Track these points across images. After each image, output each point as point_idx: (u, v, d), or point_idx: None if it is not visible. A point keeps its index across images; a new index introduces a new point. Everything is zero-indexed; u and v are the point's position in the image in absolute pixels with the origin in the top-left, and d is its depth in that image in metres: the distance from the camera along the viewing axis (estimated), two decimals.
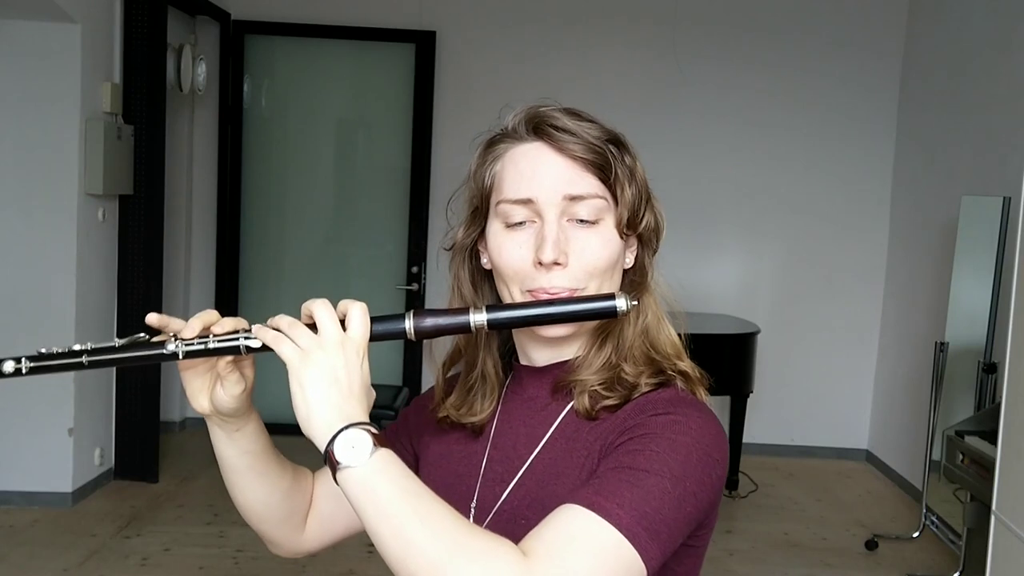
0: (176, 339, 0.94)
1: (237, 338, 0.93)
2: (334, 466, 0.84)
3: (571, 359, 1.06)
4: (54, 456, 4.24)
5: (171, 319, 0.96)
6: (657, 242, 1.08)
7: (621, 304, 0.94)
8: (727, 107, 5.46)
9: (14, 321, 4.14)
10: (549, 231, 0.98)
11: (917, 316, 5.05)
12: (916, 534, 4.34)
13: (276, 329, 0.91)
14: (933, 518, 4.30)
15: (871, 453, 5.57)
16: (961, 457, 3.61)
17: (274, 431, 1.17)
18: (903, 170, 5.41)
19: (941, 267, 4.65)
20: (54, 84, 4.12)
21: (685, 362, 1.05)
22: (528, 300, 1.00)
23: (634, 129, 1.17)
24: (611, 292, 0.98)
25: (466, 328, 0.95)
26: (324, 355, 0.88)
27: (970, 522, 3.62)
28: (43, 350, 0.94)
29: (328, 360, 0.88)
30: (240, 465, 1.07)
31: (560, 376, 1.05)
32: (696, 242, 5.51)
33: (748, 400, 4.78)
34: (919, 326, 4.98)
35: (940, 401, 4.23)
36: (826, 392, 5.62)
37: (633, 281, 1.07)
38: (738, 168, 5.51)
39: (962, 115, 4.70)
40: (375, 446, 0.84)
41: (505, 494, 1.03)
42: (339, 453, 0.84)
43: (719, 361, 4.56)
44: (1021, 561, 2.63)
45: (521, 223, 1.01)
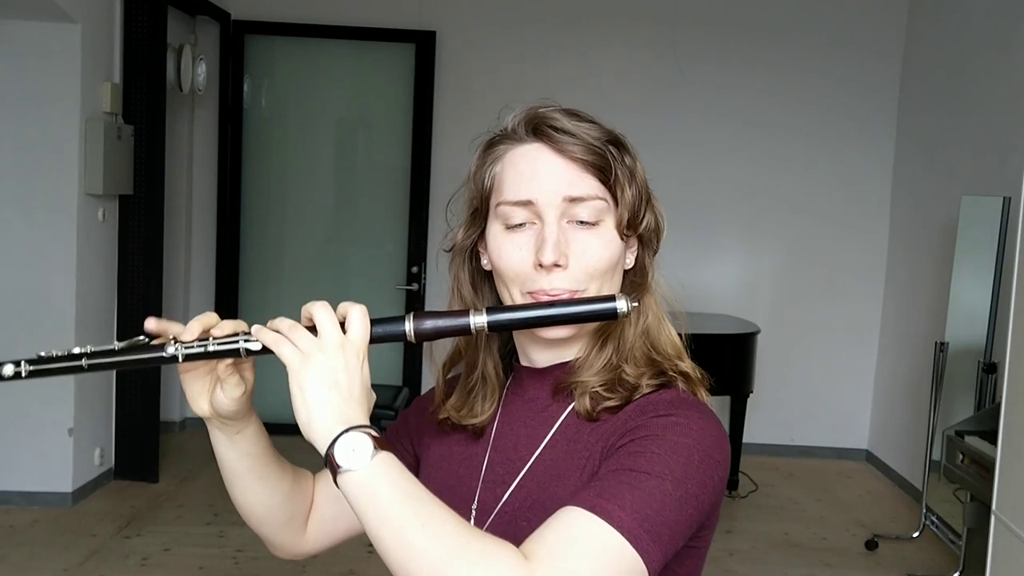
0: (175, 342, 0.93)
1: (237, 341, 0.93)
2: (335, 470, 0.84)
3: (572, 360, 1.05)
4: (54, 456, 4.24)
5: (170, 324, 0.96)
6: (658, 242, 1.08)
7: (621, 306, 0.94)
8: (727, 107, 5.46)
9: (14, 321, 4.14)
10: (549, 233, 0.98)
11: (917, 316, 5.05)
12: (916, 534, 4.34)
13: (276, 331, 0.91)
14: (933, 518, 4.30)
15: (871, 453, 5.57)
16: (961, 457, 3.61)
17: (275, 431, 1.17)
18: (903, 170, 5.41)
19: (941, 267, 4.65)
20: (54, 84, 4.12)
21: (686, 363, 1.05)
22: (528, 302, 1.00)
23: (634, 129, 1.17)
24: (611, 294, 0.98)
25: (466, 330, 0.95)
26: (324, 358, 0.88)
27: (970, 522, 3.62)
28: (43, 353, 0.94)
29: (328, 363, 0.88)
30: (240, 468, 1.07)
31: (561, 377, 1.05)
32: (696, 242, 5.51)
33: (748, 400, 4.78)
34: (919, 326, 4.98)
35: (940, 401, 4.23)
36: (826, 392, 5.62)
37: (634, 282, 1.07)
38: (738, 168, 5.51)
39: (962, 115, 4.70)
40: (376, 449, 0.84)
41: (506, 495, 1.03)
42: (340, 457, 0.84)
43: (719, 361, 4.56)
44: (1021, 561, 2.63)
45: (521, 225, 1.01)
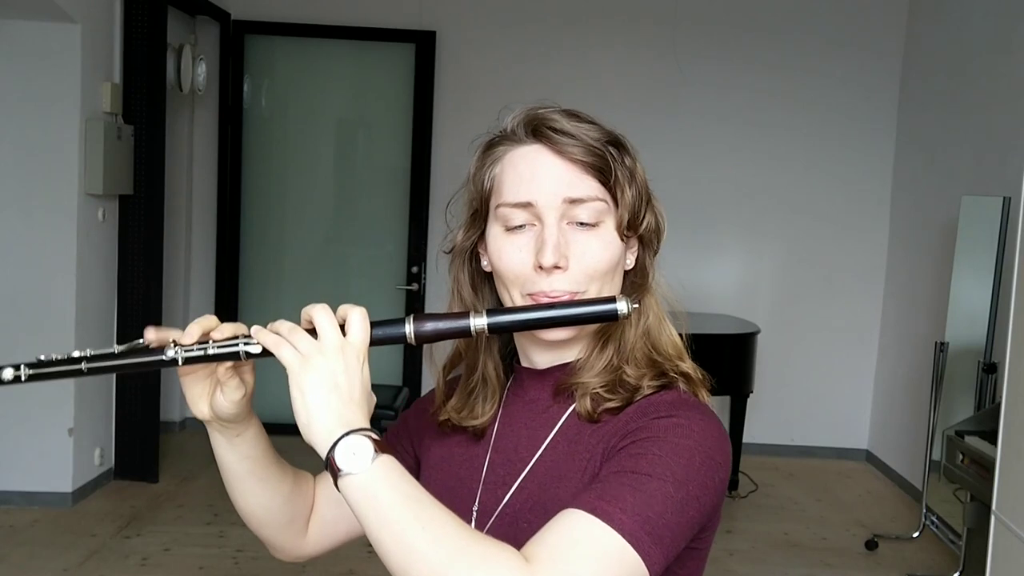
0: (175, 345, 0.93)
1: (236, 343, 0.92)
2: (335, 473, 0.84)
3: (572, 361, 1.05)
4: (54, 456, 4.24)
5: (169, 331, 0.95)
6: (658, 243, 1.07)
7: (622, 307, 0.94)
8: (727, 107, 5.46)
9: (14, 321, 4.15)
10: (549, 235, 0.98)
11: (917, 316, 5.05)
12: (916, 534, 4.34)
13: (276, 334, 0.91)
14: (933, 518, 4.30)
15: (871, 453, 5.57)
16: (961, 457, 3.61)
17: (275, 431, 1.17)
18: (903, 170, 5.41)
19: (941, 267, 4.65)
20: (54, 84, 4.12)
21: (687, 363, 1.05)
22: (529, 304, 1.00)
23: (634, 129, 1.17)
24: (612, 295, 0.98)
25: (467, 332, 0.95)
26: (324, 360, 0.88)
27: (970, 522, 3.62)
28: (42, 357, 0.94)
29: (328, 365, 0.88)
30: (241, 470, 1.07)
31: (561, 379, 1.04)
32: (696, 242, 5.50)
33: (748, 400, 4.78)
34: (919, 326, 4.98)
35: (940, 401, 4.23)
36: (826, 392, 5.62)
37: (634, 282, 1.06)
38: (738, 168, 5.51)
39: (962, 115, 4.70)
40: (376, 452, 0.84)
41: (507, 497, 1.03)
42: (340, 460, 0.84)
43: (719, 361, 4.55)
44: (1021, 561, 2.63)
45: (521, 226, 1.00)
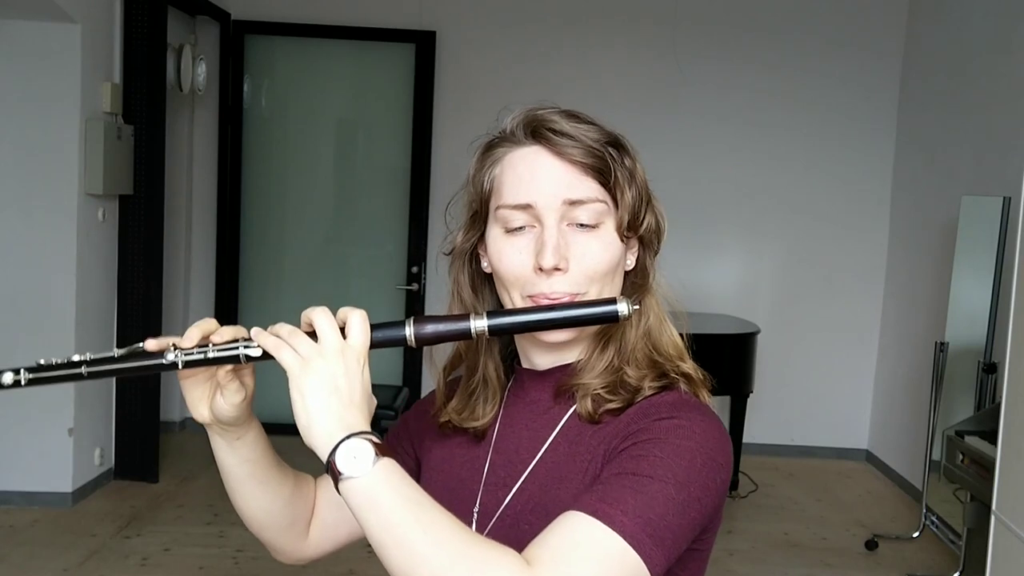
0: (175, 348, 0.93)
1: (237, 347, 0.92)
2: (336, 477, 0.84)
3: (573, 362, 1.05)
4: (54, 456, 4.24)
5: (169, 339, 0.95)
6: (659, 243, 1.07)
7: (622, 309, 0.94)
8: (727, 107, 5.46)
9: (14, 321, 4.15)
10: (549, 236, 0.98)
11: (917, 316, 5.05)
12: (916, 534, 4.34)
13: (276, 336, 0.91)
14: (933, 518, 4.30)
15: (871, 453, 5.57)
16: (961, 457, 3.61)
17: (276, 432, 1.16)
18: (903, 170, 5.41)
19: (941, 267, 4.65)
20: (54, 84, 4.12)
21: (688, 363, 1.04)
22: (529, 305, 1.00)
23: (634, 129, 1.17)
24: (612, 297, 0.97)
25: (467, 335, 0.94)
26: (324, 363, 0.88)
27: (970, 522, 3.62)
28: (42, 361, 0.94)
29: (328, 368, 0.87)
30: (241, 473, 1.07)
31: (562, 380, 1.04)
32: (696, 242, 5.50)
33: (748, 400, 4.78)
34: (919, 326, 4.98)
35: (940, 401, 4.23)
36: (826, 392, 5.62)
37: (635, 283, 1.06)
38: (738, 168, 5.51)
39: (962, 115, 4.69)
40: (377, 456, 0.84)
41: (508, 498, 1.02)
42: (341, 464, 0.84)
43: (719, 361, 4.55)
44: (1021, 561, 2.63)
45: (521, 228, 1.00)
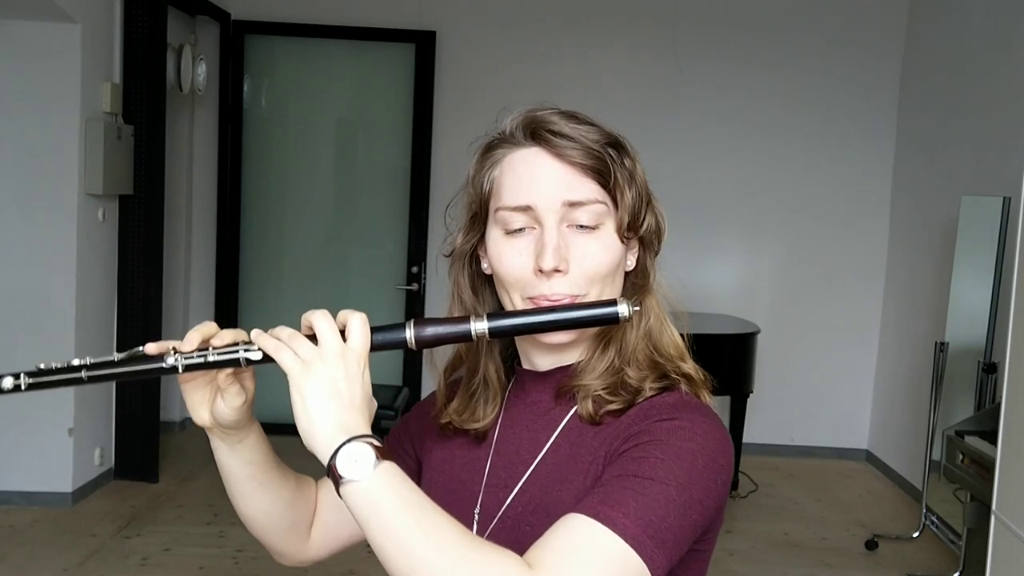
0: (175, 352, 0.93)
1: (237, 350, 0.92)
2: (337, 480, 0.84)
3: (574, 364, 1.05)
4: (54, 456, 4.24)
5: (170, 343, 0.95)
6: (659, 244, 1.07)
7: (623, 310, 0.94)
8: (727, 107, 5.46)
9: (14, 321, 4.14)
10: (549, 238, 0.98)
11: (917, 316, 5.05)
12: (916, 534, 4.34)
13: (276, 339, 0.91)
14: (933, 518, 4.30)
15: (871, 453, 5.57)
16: (961, 457, 3.61)
17: (277, 432, 1.16)
18: (903, 170, 5.41)
19: (941, 267, 4.65)
20: (54, 84, 4.12)
21: (689, 364, 1.04)
22: (529, 307, 1.00)
23: (634, 129, 1.17)
24: (613, 298, 0.97)
25: (467, 337, 0.94)
26: (325, 366, 0.87)
27: (970, 522, 3.62)
28: (42, 365, 0.94)
29: (329, 371, 0.87)
30: (242, 476, 1.07)
31: (563, 381, 1.04)
32: (696, 242, 5.50)
33: (748, 400, 4.78)
34: (919, 326, 4.98)
35: (940, 401, 4.23)
36: (826, 392, 5.62)
37: (635, 284, 1.06)
38: (738, 168, 5.51)
39: (962, 115, 4.69)
40: (378, 459, 0.84)
41: (509, 499, 1.02)
42: (342, 467, 0.83)
43: (719, 361, 4.55)
44: (1021, 561, 2.63)
45: (520, 230, 1.00)
